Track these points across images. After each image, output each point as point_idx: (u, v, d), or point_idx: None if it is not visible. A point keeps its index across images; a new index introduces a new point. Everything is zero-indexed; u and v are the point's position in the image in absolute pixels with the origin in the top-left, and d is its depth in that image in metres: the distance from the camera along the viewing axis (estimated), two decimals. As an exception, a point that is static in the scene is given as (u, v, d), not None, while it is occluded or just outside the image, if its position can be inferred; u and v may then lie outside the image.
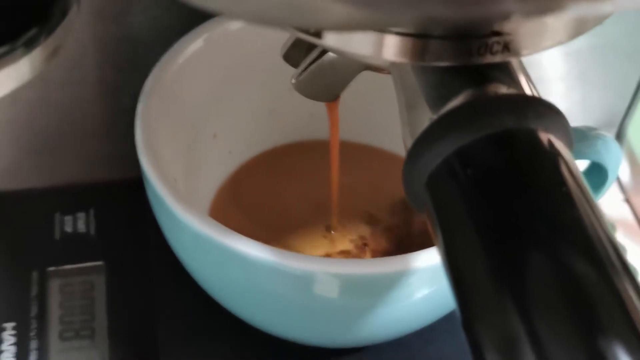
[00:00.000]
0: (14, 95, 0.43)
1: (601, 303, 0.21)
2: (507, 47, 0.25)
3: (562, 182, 0.24)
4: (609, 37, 0.47)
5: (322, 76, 0.32)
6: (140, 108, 0.38)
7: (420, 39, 0.24)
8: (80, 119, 0.46)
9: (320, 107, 0.39)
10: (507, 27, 0.24)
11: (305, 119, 0.46)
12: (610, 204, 0.53)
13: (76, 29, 0.29)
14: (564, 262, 0.22)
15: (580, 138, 0.36)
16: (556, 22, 0.25)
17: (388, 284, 0.33)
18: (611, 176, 0.38)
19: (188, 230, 0.34)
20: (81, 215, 0.47)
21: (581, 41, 0.47)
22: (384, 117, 0.40)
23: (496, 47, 0.25)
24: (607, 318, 0.21)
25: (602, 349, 0.20)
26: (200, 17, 0.41)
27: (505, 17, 0.19)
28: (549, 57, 0.48)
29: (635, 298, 0.21)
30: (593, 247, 0.22)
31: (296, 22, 0.20)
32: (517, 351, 0.21)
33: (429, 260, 0.33)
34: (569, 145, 0.25)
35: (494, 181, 0.24)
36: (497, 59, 0.25)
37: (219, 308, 0.39)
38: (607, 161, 0.37)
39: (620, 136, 0.53)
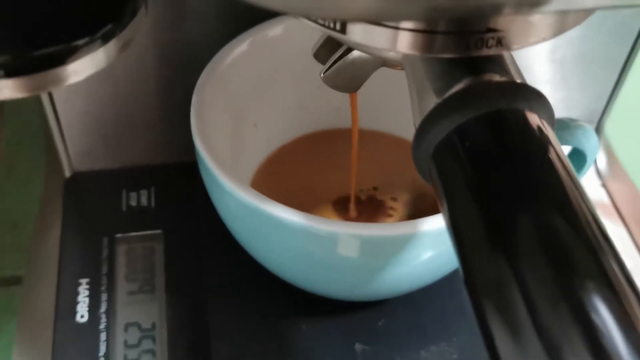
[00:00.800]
0: (88, 91, 0.45)
1: (577, 251, 0.22)
2: (500, 42, 0.25)
3: (545, 152, 0.24)
4: (588, 46, 0.47)
5: (345, 71, 0.33)
6: (194, 100, 0.38)
7: (428, 34, 0.25)
8: (142, 111, 0.47)
9: (343, 101, 0.39)
10: (500, 24, 0.25)
11: (330, 111, 0.47)
12: (589, 188, 0.53)
13: (139, 35, 0.29)
14: (546, 218, 0.22)
15: (564, 127, 0.36)
16: (541, 21, 0.25)
17: (400, 245, 0.34)
18: (589, 160, 0.38)
19: (234, 199, 0.34)
20: (144, 192, 0.47)
21: (565, 50, 0.48)
22: (398, 109, 0.40)
23: (491, 42, 0.25)
24: (581, 263, 0.21)
25: (577, 288, 0.21)
26: (244, 25, 0.42)
27: (499, 9, 0.19)
28: (538, 63, 0.48)
29: (605, 245, 0.22)
30: (570, 205, 0.23)
31: (321, 12, 0.20)
32: (507, 293, 0.21)
33: (434, 225, 0.33)
34: (551, 123, 0.26)
35: (488, 152, 0.24)
36: (492, 52, 0.25)
37: (259, 266, 0.40)
38: (586, 147, 0.37)
39: (598, 131, 0.53)
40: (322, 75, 0.33)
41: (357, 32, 0.26)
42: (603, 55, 0.48)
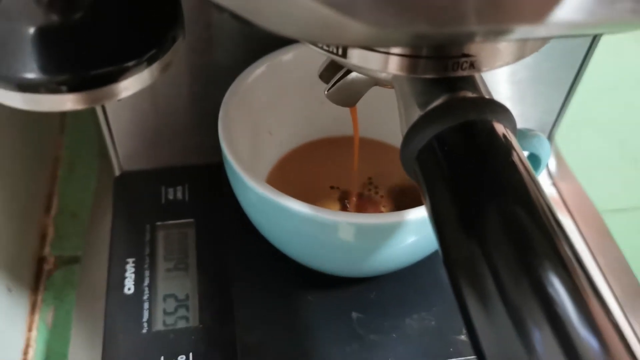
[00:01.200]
0: (134, 105, 0.45)
1: (535, 235, 0.22)
2: (472, 65, 0.25)
3: (508, 155, 0.24)
4: (540, 70, 0.47)
5: (345, 89, 0.33)
6: (221, 112, 0.38)
7: (413, 59, 0.25)
8: (178, 121, 0.46)
9: (341, 113, 0.39)
10: (473, 50, 0.24)
11: (331, 122, 0.47)
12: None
13: (177, 58, 0.29)
14: (509, 208, 0.22)
15: (522, 136, 0.36)
16: (506, 49, 0.25)
17: (389, 231, 0.34)
18: (543, 163, 0.38)
19: (254, 193, 0.34)
20: (179, 188, 0.47)
21: (522, 73, 0.47)
22: (387, 120, 0.40)
23: (465, 65, 0.25)
24: (539, 245, 0.21)
25: (535, 265, 0.21)
26: (262, 51, 0.42)
27: (471, 36, 0.19)
28: (500, 83, 0.48)
29: (558, 231, 0.22)
30: (530, 198, 0.23)
31: (327, 39, 0.20)
32: (478, 269, 0.21)
33: (417, 215, 0.33)
34: (514, 131, 0.26)
35: (462, 155, 0.24)
36: (465, 73, 0.25)
37: (273, 248, 0.40)
38: (540, 152, 0.37)
39: (550, 139, 0.53)
40: (326, 92, 0.33)
41: (356, 57, 0.25)
42: (553, 77, 0.48)
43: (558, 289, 0.20)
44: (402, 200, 0.44)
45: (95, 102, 0.25)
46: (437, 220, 0.24)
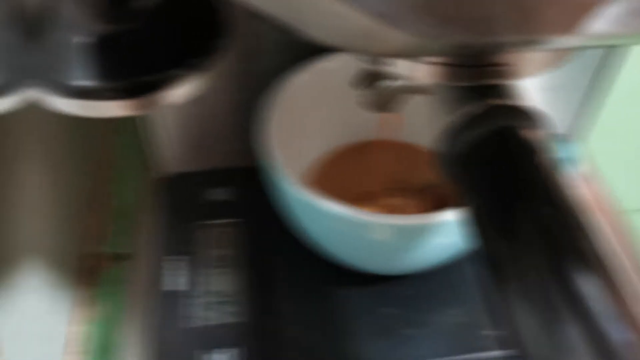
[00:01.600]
0: (180, 110, 0.45)
1: (561, 236, 0.22)
2: (508, 74, 0.25)
3: (540, 158, 0.24)
4: (572, 78, 0.46)
5: (382, 96, 0.33)
6: (262, 117, 0.38)
7: (451, 67, 0.25)
8: (223, 125, 0.47)
9: (377, 118, 0.39)
10: (509, 59, 0.24)
11: (366, 126, 0.46)
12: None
13: (220, 66, 0.29)
14: (539, 211, 0.23)
15: (554, 141, 0.36)
16: (540, 58, 0.25)
17: (420, 231, 0.34)
18: (573, 166, 0.38)
19: (291, 195, 0.35)
20: (224, 189, 0.47)
21: (554, 80, 0.47)
22: (418, 123, 0.40)
23: (501, 73, 0.25)
24: (566, 246, 0.22)
25: (562, 267, 0.21)
26: (303, 59, 0.42)
27: (507, 46, 0.19)
28: (531, 90, 0.47)
29: (585, 233, 0.22)
30: (562, 200, 0.23)
31: (369, 48, 0.20)
32: (517, 266, 0.22)
33: (444, 218, 0.33)
34: (547, 137, 0.25)
35: (497, 159, 0.24)
36: (502, 81, 0.25)
37: (312, 248, 0.40)
38: (571, 156, 0.37)
39: (579, 144, 0.52)
40: (360, 99, 0.33)
41: (395, 65, 0.26)
42: (584, 84, 0.47)
43: (590, 285, 0.20)
44: (431, 200, 0.43)
45: (146, 109, 0.26)
46: (477, 220, 0.24)
